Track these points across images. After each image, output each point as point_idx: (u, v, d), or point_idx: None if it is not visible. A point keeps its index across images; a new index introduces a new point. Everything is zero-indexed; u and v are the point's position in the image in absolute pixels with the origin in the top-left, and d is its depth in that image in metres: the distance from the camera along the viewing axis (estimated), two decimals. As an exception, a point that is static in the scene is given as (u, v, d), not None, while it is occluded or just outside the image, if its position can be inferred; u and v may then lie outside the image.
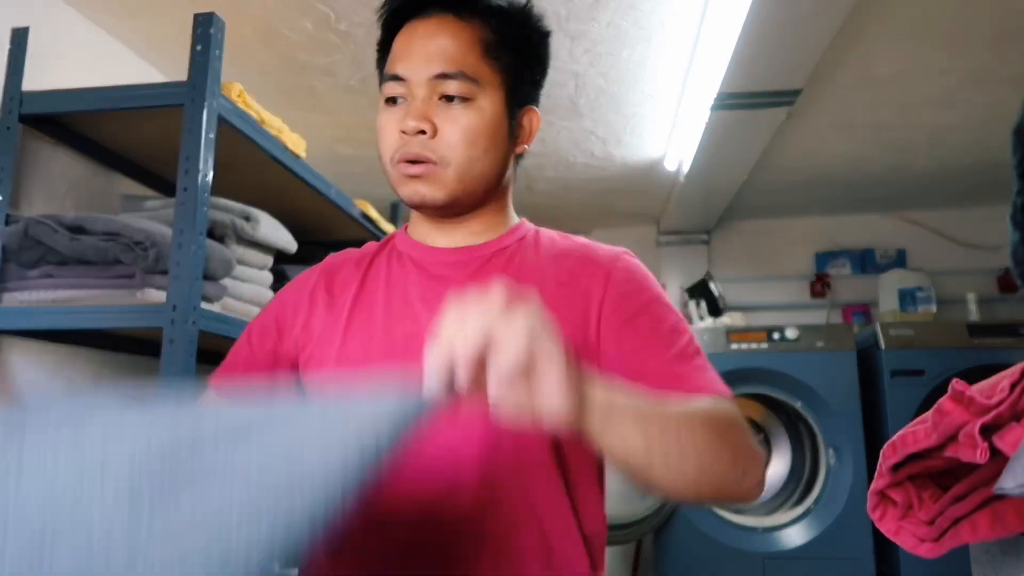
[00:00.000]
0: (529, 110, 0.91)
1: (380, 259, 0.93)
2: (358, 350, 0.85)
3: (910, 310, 3.10)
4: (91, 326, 1.35)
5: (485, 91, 0.84)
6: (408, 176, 0.83)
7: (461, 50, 0.83)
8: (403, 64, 0.84)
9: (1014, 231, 0.55)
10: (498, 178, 0.88)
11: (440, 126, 0.82)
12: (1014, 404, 0.47)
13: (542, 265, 0.88)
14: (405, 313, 0.85)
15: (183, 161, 1.31)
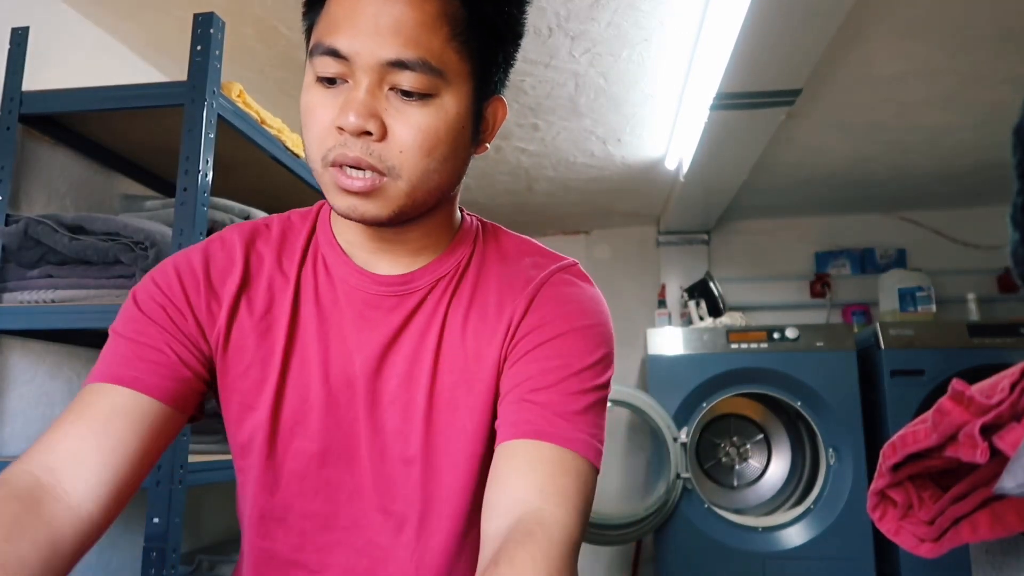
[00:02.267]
0: (495, 100, 0.73)
1: (307, 273, 0.76)
2: (294, 398, 0.74)
3: (910, 310, 3.10)
4: (91, 326, 1.35)
5: (450, 85, 0.66)
6: (345, 190, 0.65)
7: (423, 28, 0.63)
8: (346, 37, 0.63)
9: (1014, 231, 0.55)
10: (454, 185, 0.73)
11: (391, 126, 0.64)
12: (1014, 404, 0.47)
13: (474, 294, 0.76)
14: (341, 356, 0.74)
15: (183, 161, 1.30)
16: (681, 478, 2.69)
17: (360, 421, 0.74)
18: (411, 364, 0.73)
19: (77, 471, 0.64)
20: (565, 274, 0.77)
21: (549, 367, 0.70)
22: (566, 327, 0.72)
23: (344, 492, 0.74)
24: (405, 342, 0.74)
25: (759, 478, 2.98)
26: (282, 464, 0.74)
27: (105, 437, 0.65)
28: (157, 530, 1.18)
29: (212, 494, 2.15)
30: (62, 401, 1.59)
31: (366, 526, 0.74)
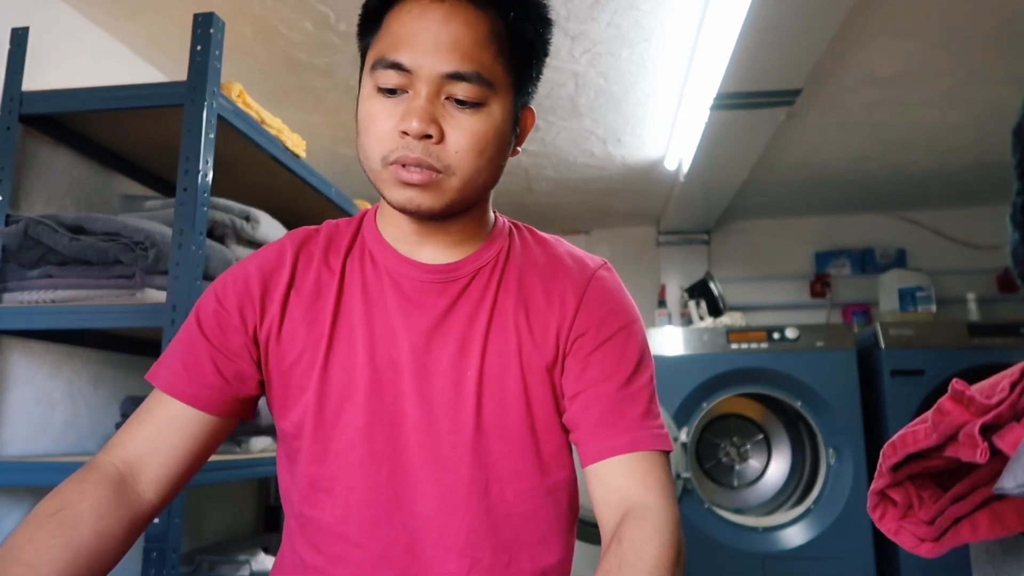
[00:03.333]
0: (527, 109, 0.84)
1: (353, 263, 0.84)
2: (342, 375, 0.80)
3: (910, 310, 3.10)
4: (91, 326, 1.35)
5: (497, 95, 0.75)
6: (404, 182, 0.73)
7: (477, 45, 0.73)
8: (409, 52, 0.72)
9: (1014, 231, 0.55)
10: (494, 185, 0.82)
11: (447, 131, 0.73)
12: (1014, 404, 0.47)
13: (520, 283, 0.84)
14: (387, 337, 0.80)
15: (183, 161, 1.31)
16: (681, 478, 2.68)
17: (407, 397, 0.79)
18: (461, 343, 0.80)
19: (145, 468, 0.78)
20: (604, 272, 0.86)
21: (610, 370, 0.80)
22: (616, 326, 0.82)
23: (388, 465, 0.79)
24: (454, 323, 0.81)
25: (759, 478, 2.98)
26: (330, 438, 0.80)
27: (165, 443, 0.79)
28: (157, 530, 1.18)
29: (212, 494, 2.15)
30: (62, 401, 1.59)
31: (409, 500, 0.78)
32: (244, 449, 1.59)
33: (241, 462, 1.49)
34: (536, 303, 0.82)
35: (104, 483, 0.74)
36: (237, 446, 1.60)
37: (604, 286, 0.85)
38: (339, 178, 2.82)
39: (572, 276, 0.84)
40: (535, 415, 0.80)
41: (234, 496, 2.27)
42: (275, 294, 0.82)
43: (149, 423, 0.79)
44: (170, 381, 0.80)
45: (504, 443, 0.79)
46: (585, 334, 0.81)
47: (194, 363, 0.81)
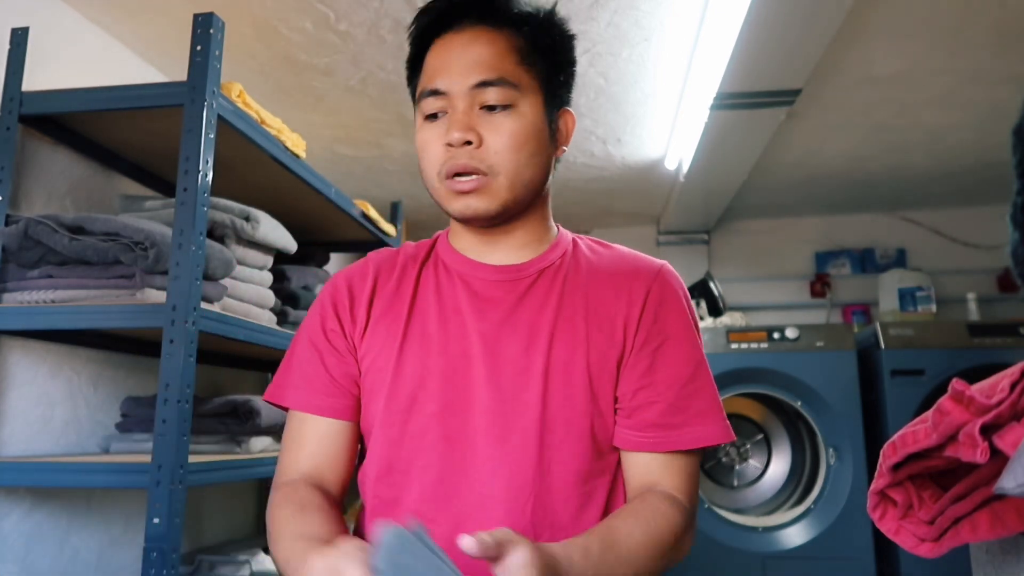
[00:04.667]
0: (564, 112, 0.92)
1: (428, 270, 0.93)
2: (416, 365, 0.86)
3: (910, 310, 3.10)
4: (91, 326, 1.35)
5: (525, 96, 0.84)
6: (459, 192, 0.84)
7: (498, 57, 0.84)
8: (442, 78, 0.84)
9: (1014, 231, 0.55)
10: (543, 182, 0.90)
11: (485, 135, 0.83)
12: (1014, 404, 0.47)
13: (584, 282, 0.90)
14: (459, 331, 0.87)
15: (183, 161, 1.31)
16: (681, 478, 2.68)
17: (477, 384, 0.85)
18: (529, 334, 0.86)
19: (320, 482, 0.88)
20: (668, 271, 0.93)
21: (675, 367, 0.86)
22: (682, 324, 0.88)
23: (460, 447, 0.84)
24: (522, 316, 0.87)
25: (759, 478, 2.98)
26: (406, 422, 0.86)
27: (326, 457, 0.89)
28: (157, 530, 1.18)
29: (212, 494, 2.15)
30: (62, 401, 1.59)
31: (479, 479, 0.83)
32: (244, 449, 1.59)
33: (241, 462, 1.49)
34: (603, 298, 0.88)
35: (299, 482, 0.86)
36: (237, 446, 1.60)
37: (671, 284, 0.91)
38: (339, 178, 2.82)
39: (639, 273, 0.90)
40: (599, 404, 0.85)
41: (234, 496, 2.27)
42: (361, 300, 0.92)
43: (309, 441, 0.89)
44: (304, 399, 0.90)
45: (567, 428, 0.84)
46: (652, 328, 0.87)
47: (319, 377, 0.90)
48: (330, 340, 0.91)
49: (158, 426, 1.22)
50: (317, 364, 0.91)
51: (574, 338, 0.86)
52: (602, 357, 0.86)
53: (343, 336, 0.91)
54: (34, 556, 1.49)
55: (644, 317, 0.87)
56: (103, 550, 1.68)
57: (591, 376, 0.85)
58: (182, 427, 1.23)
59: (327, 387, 0.90)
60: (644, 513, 0.79)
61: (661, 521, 0.79)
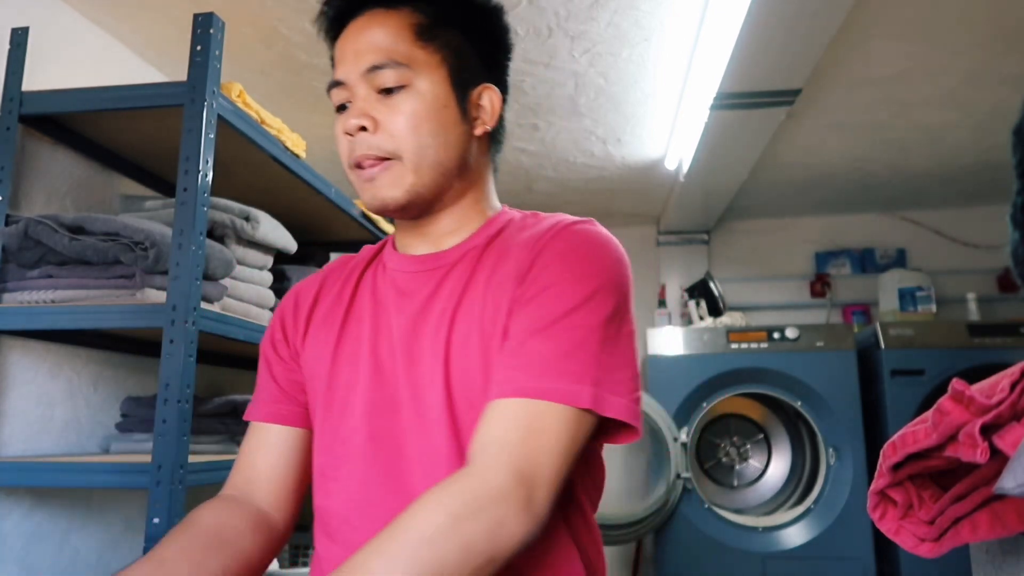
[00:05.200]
0: (485, 88, 0.86)
1: (370, 270, 0.91)
2: (349, 369, 0.84)
3: (910, 310, 3.10)
4: (91, 326, 1.35)
5: (422, 74, 0.80)
6: (364, 181, 0.81)
7: (389, 39, 0.80)
8: (340, 68, 0.82)
9: (1014, 231, 0.55)
10: (458, 164, 0.83)
11: (381, 119, 0.79)
12: (1014, 404, 0.47)
13: (499, 258, 0.81)
14: (386, 329, 0.84)
15: (183, 161, 1.30)
16: (681, 478, 2.69)
17: (401, 382, 0.81)
18: (437, 323, 0.81)
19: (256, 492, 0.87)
20: (580, 225, 0.81)
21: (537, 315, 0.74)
22: (568, 272, 0.76)
23: (387, 448, 0.80)
24: (435, 306, 0.82)
25: (759, 478, 2.98)
26: (337, 427, 0.83)
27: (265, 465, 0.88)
28: (157, 530, 1.18)
29: (212, 494, 2.14)
30: (62, 401, 1.59)
31: (406, 480, 0.79)
32: (244, 449, 1.59)
33: (241, 462, 1.49)
34: (505, 269, 0.80)
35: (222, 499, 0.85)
36: (237, 446, 1.60)
37: (575, 235, 0.79)
38: (339, 178, 2.82)
39: (546, 231, 0.81)
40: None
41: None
42: (303, 307, 0.91)
43: (250, 452, 0.89)
44: (255, 410, 0.91)
45: (474, 412, 0.75)
46: (537, 278, 0.76)
47: (266, 387, 0.91)
48: (276, 349, 0.91)
49: (158, 426, 1.22)
50: (266, 374, 0.92)
51: (470, 317, 0.79)
52: (494, 323, 0.77)
53: (287, 344, 0.91)
54: (34, 556, 1.49)
55: (532, 269, 0.77)
56: (103, 550, 1.68)
57: (484, 352, 0.77)
58: (182, 427, 1.23)
59: (273, 394, 0.90)
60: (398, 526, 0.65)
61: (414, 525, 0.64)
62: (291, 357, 0.90)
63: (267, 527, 0.85)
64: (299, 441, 0.89)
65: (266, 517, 0.86)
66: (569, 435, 0.70)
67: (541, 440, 0.69)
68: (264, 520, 0.85)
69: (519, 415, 0.70)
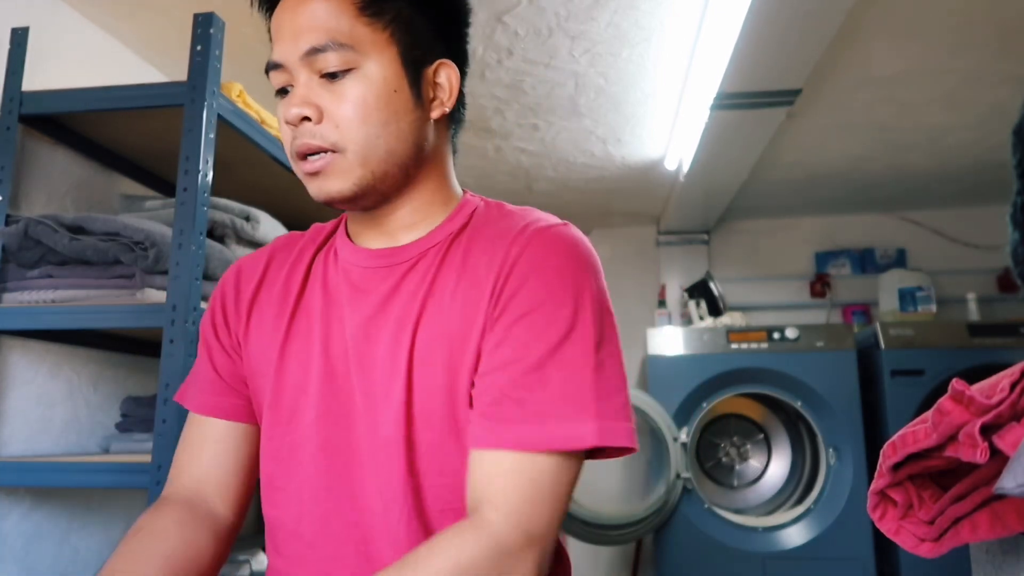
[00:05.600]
0: (442, 64, 0.78)
1: (320, 257, 0.84)
2: (298, 369, 0.78)
3: (910, 310, 3.10)
4: (91, 326, 1.35)
5: (369, 55, 0.72)
6: (308, 174, 0.74)
7: (330, 15, 0.72)
8: (277, 47, 0.74)
9: (1014, 231, 0.55)
10: (414, 151, 0.76)
11: (324, 107, 0.72)
12: (1014, 404, 0.47)
13: (466, 257, 0.76)
14: (339, 327, 0.77)
15: (183, 161, 1.30)
16: (681, 478, 2.69)
17: (354, 389, 0.75)
18: (397, 329, 0.75)
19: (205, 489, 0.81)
20: (557, 229, 0.76)
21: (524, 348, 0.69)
22: (550, 292, 0.70)
23: (340, 460, 0.75)
24: (393, 309, 0.76)
25: (759, 478, 2.98)
26: (285, 434, 0.78)
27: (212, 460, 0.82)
28: (157, 530, 1.18)
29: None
30: (62, 401, 1.59)
31: (359, 494, 0.74)
32: (244, 449, 1.59)
33: (241, 462, 1.49)
34: (477, 274, 0.74)
35: (177, 504, 0.79)
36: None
37: (551, 243, 0.74)
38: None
39: (519, 234, 0.74)
40: (460, 402, 0.72)
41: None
42: (245, 293, 0.84)
43: (193, 446, 0.83)
44: (194, 399, 0.84)
45: (431, 432, 0.72)
46: (513, 299, 0.71)
47: (207, 376, 0.84)
48: (218, 336, 0.84)
49: (158, 426, 1.22)
50: (205, 361, 0.85)
51: (438, 325, 0.73)
52: (465, 345, 0.72)
53: (228, 331, 0.84)
54: (34, 556, 1.49)
55: (508, 285, 0.71)
56: (103, 550, 1.68)
57: (453, 369, 0.72)
58: (182, 427, 1.23)
59: (215, 385, 0.83)
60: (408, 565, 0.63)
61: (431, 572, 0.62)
62: (232, 348, 0.84)
63: (225, 533, 0.81)
64: (246, 436, 0.83)
65: (221, 522, 0.81)
66: (571, 479, 0.69)
67: (546, 494, 0.67)
68: (220, 526, 0.80)
69: (524, 470, 0.66)
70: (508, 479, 0.66)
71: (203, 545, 0.76)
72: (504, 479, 0.66)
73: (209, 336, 0.85)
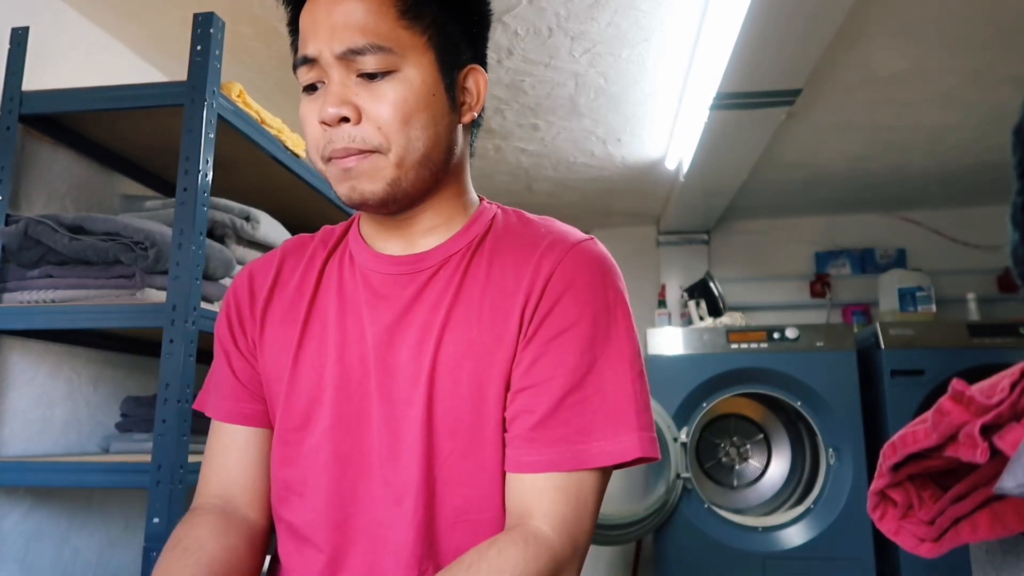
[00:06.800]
0: (472, 70, 0.78)
1: (334, 261, 0.83)
2: (312, 375, 0.77)
3: (910, 310, 3.10)
4: (91, 326, 1.35)
5: (409, 58, 0.71)
6: (340, 171, 0.72)
7: (370, 16, 0.70)
8: (312, 43, 0.71)
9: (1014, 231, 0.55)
10: (445, 156, 0.76)
11: (364, 108, 0.70)
12: (1014, 404, 0.47)
13: (491, 266, 0.76)
14: (356, 333, 0.77)
15: (183, 161, 1.31)
16: (681, 478, 2.69)
17: (372, 395, 0.75)
18: (421, 336, 0.74)
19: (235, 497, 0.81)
20: (588, 245, 0.77)
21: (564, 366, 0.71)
22: (587, 310, 0.72)
23: (353, 468, 0.75)
24: (417, 316, 0.75)
25: (759, 478, 2.98)
26: (301, 440, 0.78)
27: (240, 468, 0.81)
28: (157, 530, 1.18)
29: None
30: (62, 401, 1.59)
31: (370, 503, 0.74)
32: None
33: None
34: (505, 285, 0.74)
35: (210, 513, 0.78)
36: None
37: (582, 260, 0.75)
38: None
39: (547, 249, 0.75)
40: (488, 413, 0.72)
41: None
42: (259, 297, 0.83)
43: (220, 454, 0.82)
44: (217, 407, 0.83)
45: (453, 443, 0.72)
46: (549, 316, 0.72)
47: (228, 382, 0.83)
48: (235, 341, 0.83)
49: (158, 426, 1.22)
50: (224, 366, 0.84)
51: (465, 335, 0.73)
52: (495, 358, 0.72)
53: (244, 336, 0.83)
54: (34, 556, 1.49)
55: (542, 303, 0.72)
56: (103, 550, 1.68)
57: (481, 380, 0.72)
58: (182, 427, 1.23)
59: (236, 391, 0.83)
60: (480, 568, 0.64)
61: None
62: (249, 352, 0.83)
63: (259, 538, 0.81)
64: (267, 442, 0.83)
65: (254, 527, 0.81)
66: (606, 487, 0.73)
67: (591, 507, 0.71)
68: (254, 531, 0.80)
69: (571, 487, 0.70)
70: (558, 495, 0.69)
71: (242, 552, 0.77)
72: (554, 494, 0.69)
73: (227, 341, 0.84)
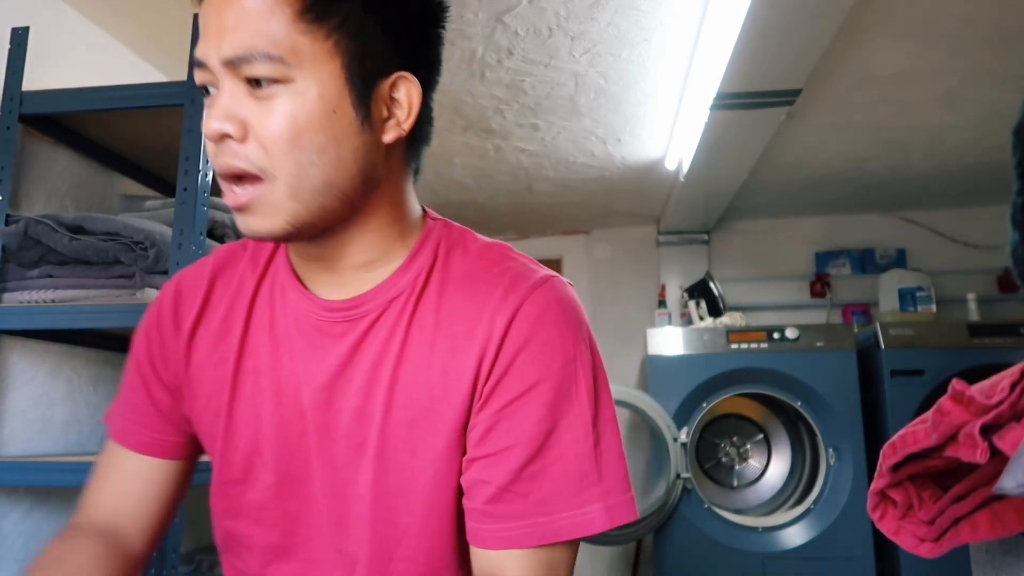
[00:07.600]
0: (400, 78, 0.65)
1: (264, 290, 0.73)
2: (250, 421, 0.70)
3: (910, 310, 3.10)
4: (91, 326, 1.35)
5: (304, 68, 0.59)
6: (233, 206, 0.62)
7: (261, 17, 0.59)
8: (202, 44, 0.61)
9: (1014, 231, 0.55)
10: (359, 181, 0.64)
11: (249, 124, 0.60)
12: (1014, 404, 0.47)
13: (440, 312, 0.67)
14: (292, 384, 0.69)
15: (183, 161, 1.31)
16: (681, 478, 2.69)
17: (313, 454, 0.69)
18: (364, 398, 0.67)
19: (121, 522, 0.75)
20: (548, 289, 0.67)
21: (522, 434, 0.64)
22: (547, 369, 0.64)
23: (302, 526, 0.70)
24: (357, 372, 0.67)
25: (759, 478, 2.98)
26: (243, 494, 0.72)
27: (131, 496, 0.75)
28: (157, 530, 1.18)
29: (212, 494, 2.15)
30: (62, 401, 1.59)
31: (322, 562, 0.70)
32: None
33: (241, 462, 1.49)
34: (455, 342, 0.66)
35: (94, 539, 0.72)
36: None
37: (541, 308, 0.65)
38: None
39: (503, 297, 0.66)
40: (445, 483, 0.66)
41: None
42: (184, 327, 0.73)
43: (122, 480, 0.76)
44: (119, 427, 0.76)
45: (410, 516, 0.66)
46: (505, 377, 0.64)
47: (145, 409, 0.75)
48: (156, 369, 0.75)
49: (158, 426, 1.22)
50: (142, 392, 0.76)
51: (416, 399, 0.66)
52: (445, 421, 0.65)
53: (166, 366, 0.75)
54: (34, 556, 1.49)
55: (498, 362, 0.64)
56: (103, 550, 1.68)
57: (435, 450, 0.65)
58: (182, 427, 1.23)
59: (156, 423, 0.75)
60: None
61: None
62: (173, 385, 0.75)
63: (139, 567, 0.75)
64: (179, 472, 0.77)
65: (138, 560, 0.75)
66: (575, 554, 0.67)
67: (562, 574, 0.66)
68: (136, 563, 0.74)
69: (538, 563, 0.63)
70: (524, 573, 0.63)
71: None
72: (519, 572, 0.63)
73: (145, 367, 0.75)
